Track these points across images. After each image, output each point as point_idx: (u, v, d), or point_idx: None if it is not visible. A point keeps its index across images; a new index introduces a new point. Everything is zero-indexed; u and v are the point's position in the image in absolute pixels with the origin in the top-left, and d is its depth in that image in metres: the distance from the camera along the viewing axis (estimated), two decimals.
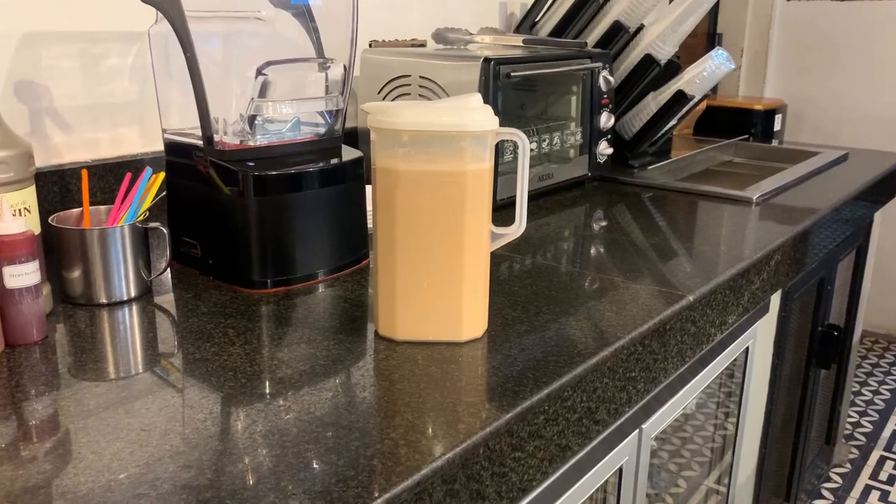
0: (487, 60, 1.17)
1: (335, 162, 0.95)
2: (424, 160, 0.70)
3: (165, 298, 0.87)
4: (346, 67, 0.96)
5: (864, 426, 2.25)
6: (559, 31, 1.58)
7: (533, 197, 1.32)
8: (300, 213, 0.89)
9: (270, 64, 0.88)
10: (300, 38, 0.97)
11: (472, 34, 1.43)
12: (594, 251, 1.06)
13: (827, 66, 2.79)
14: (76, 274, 0.84)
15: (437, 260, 0.73)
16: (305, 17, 0.98)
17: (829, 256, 1.57)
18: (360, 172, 0.97)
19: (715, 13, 2.90)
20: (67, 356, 0.72)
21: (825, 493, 1.94)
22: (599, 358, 0.73)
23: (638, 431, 0.92)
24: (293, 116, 0.95)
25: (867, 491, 1.95)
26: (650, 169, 1.56)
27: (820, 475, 1.97)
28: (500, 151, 1.23)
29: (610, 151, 1.46)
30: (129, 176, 0.91)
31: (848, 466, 2.05)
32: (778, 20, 2.86)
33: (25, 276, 0.73)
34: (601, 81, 1.40)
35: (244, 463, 0.55)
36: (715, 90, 2.57)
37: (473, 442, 0.59)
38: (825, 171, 1.66)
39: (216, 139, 0.88)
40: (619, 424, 0.88)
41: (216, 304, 0.85)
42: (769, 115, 2.21)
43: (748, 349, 1.23)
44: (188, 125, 0.95)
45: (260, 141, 0.91)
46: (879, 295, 2.78)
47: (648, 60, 1.53)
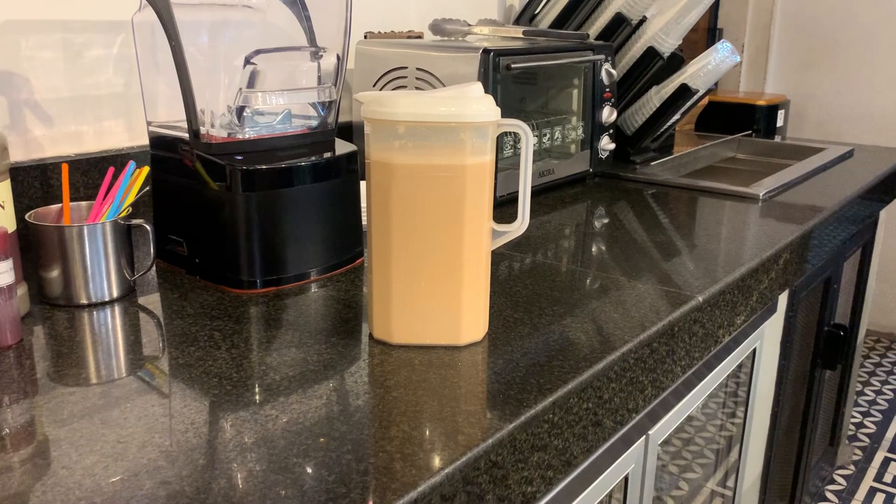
0: (487, 52, 1.13)
1: (328, 156, 0.91)
2: (422, 153, 0.66)
3: (149, 299, 0.83)
4: (339, 57, 0.92)
5: (867, 427, 2.22)
6: (560, 23, 1.54)
7: (533, 193, 1.28)
8: (291, 209, 0.85)
9: (260, 53, 0.84)
10: (292, 27, 0.92)
11: (470, 25, 1.39)
12: (597, 250, 1.02)
13: (829, 61, 2.75)
14: (55, 273, 0.80)
15: (434, 259, 0.69)
16: (297, 5, 0.93)
17: (835, 255, 1.53)
18: (354, 167, 0.93)
19: (716, 8, 2.86)
20: (43, 361, 0.68)
21: (829, 495, 1.91)
22: (606, 363, 0.69)
23: (644, 438, 0.88)
24: (284, 108, 0.90)
25: (871, 493, 1.91)
26: (653, 165, 1.52)
27: (824, 477, 1.93)
28: (499, 146, 1.19)
29: (612, 147, 1.42)
30: (111, 170, 0.87)
31: (852, 468, 2.02)
32: (779, 15, 2.82)
33: None
34: (603, 74, 1.36)
35: (227, 479, 0.51)
36: (716, 86, 2.54)
37: (474, 455, 0.55)
38: (831, 167, 1.62)
39: (202, 132, 0.84)
40: (624, 431, 0.84)
41: (202, 305, 0.80)
42: (772, 110, 2.18)
43: (755, 350, 1.20)
44: (176, 118, 0.91)
45: (249, 134, 0.87)
46: (882, 293, 2.75)
47: (651, 54, 1.49)
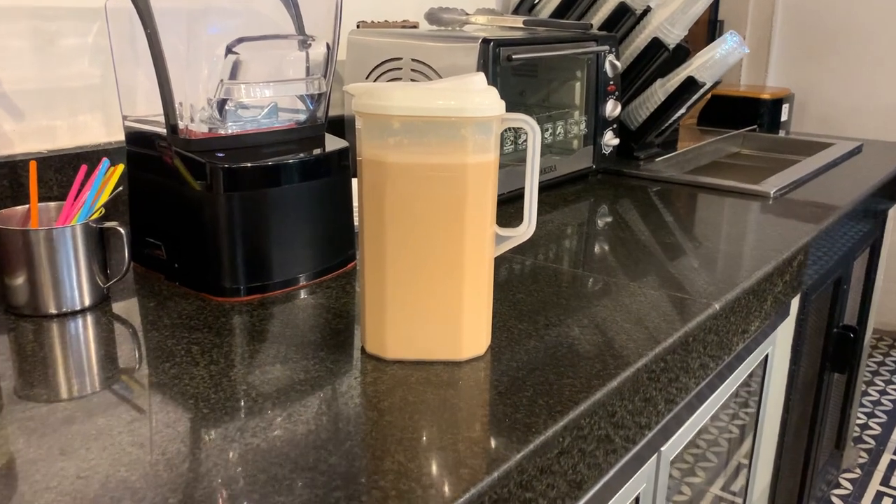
0: (487, 42, 1.06)
1: (317, 152, 0.84)
2: (419, 151, 0.60)
3: (124, 307, 0.77)
4: (329, 46, 0.85)
5: (872, 428, 2.17)
6: (561, 12, 1.48)
7: None
8: (277, 210, 0.79)
9: (243, 41, 0.78)
10: (278, 14, 0.86)
11: (467, 15, 1.33)
12: (604, 252, 0.96)
13: (832, 54, 2.69)
14: (20, 281, 0.73)
15: (433, 266, 0.63)
16: None
17: (845, 254, 1.48)
18: (345, 164, 0.87)
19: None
20: (1, 379, 0.61)
21: (835, 500, 1.86)
22: (620, 380, 0.64)
23: (656, 455, 0.82)
24: (269, 101, 0.84)
25: (878, 497, 1.87)
26: (657, 161, 1.46)
27: (830, 481, 1.88)
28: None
29: (616, 142, 1.36)
30: (84, 168, 0.80)
31: (858, 472, 1.97)
32: (781, 7, 2.76)
33: None
34: (607, 66, 1.30)
35: None
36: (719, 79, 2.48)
37: (478, 490, 0.49)
38: (840, 163, 1.56)
39: (181, 127, 0.78)
40: (636, 450, 0.78)
41: (181, 314, 0.74)
42: (776, 104, 2.12)
43: (767, 356, 1.14)
44: (155, 112, 0.84)
45: (231, 129, 0.80)
46: (887, 291, 2.70)
47: (656, 45, 1.43)
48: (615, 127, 1.36)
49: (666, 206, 1.20)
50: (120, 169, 0.79)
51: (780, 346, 1.20)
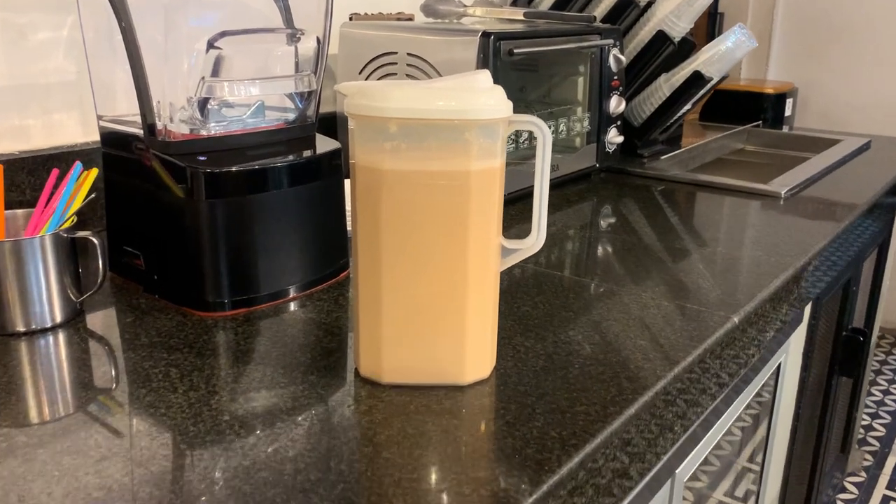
0: (487, 35, 1.01)
1: (308, 155, 0.79)
2: (418, 157, 0.55)
3: (99, 323, 0.71)
4: (319, 40, 0.80)
5: (876, 429, 2.13)
6: (561, 4, 1.42)
7: (530, 194, 1.16)
8: (265, 218, 0.73)
9: (226, 35, 0.72)
10: (264, 5, 0.80)
11: (465, 7, 1.27)
12: (612, 259, 0.91)
13: (834, 47, 2.64)
14: None
15: (433, 283, 0.57)
16: None
17: (856, 255, 1.43)
18: (337, 165, 0.81)
19: None
20: None
21: None
22: (638, 406, 0.58)
23: (670, 480, 0.77)
24: (256, 99, 0.78)
25: (885, 502, 1.83)
26: (662, 160, 1.41)
27: (835, 486, 1.84)
28: None
29: (620, 140, 1.30)
30: (55, 172, 0.75)
31: (863, 475, 1.93)
32: (782, 0, 2.71)
33: None
34: (611, 61, 1.24)
35: None
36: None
37: None
38: (849, 160, 1.51)
39: (159, 127, 0.72)
40: (650, 477, 0.73)
41: (160, 332, 0.69)
42: (780, 99, 2.07)
43: (780, 365, 1.09)
44: (135, 111, 0.78)
45: (214, 130, 0.74)
46: (888, 289, 2.66)
47: (661, 38, 1.37)
48: (619, 124, 1.30)
49: (673, 207, 1.15)
50: (93, 173, 0.73)
51: (792, 353, 1.15)
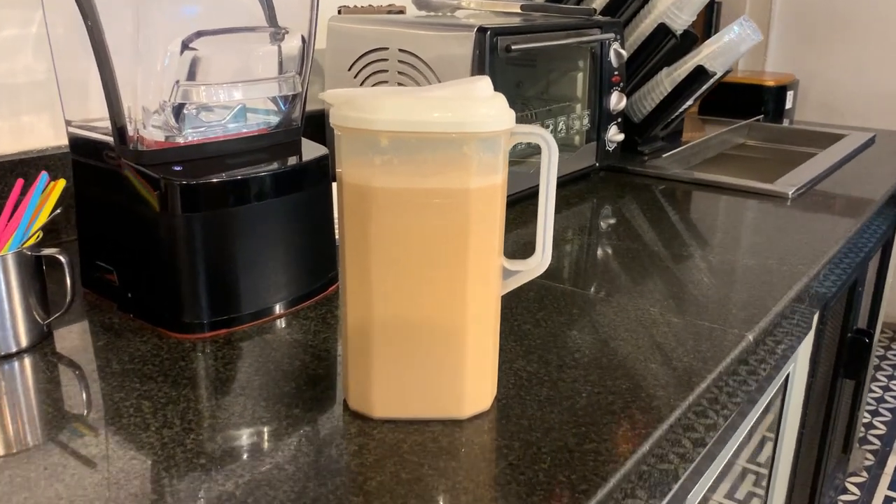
0: (483, 30, 0.95)
1: (293, 162, 0.74)
2: (411, 173, 0.50)
3: (68, 347, 0.66)
4: (304, 39, 0.74)
5: (877, 427, 2.10)
6: None
7: (533, 194, 1.11)
8: (246, 231, 0.68)
9: (202, 35, 0.66)
10: (246, 1, 0.75)
11: None
12: (616, 268, 0.86)
13: (834, 37, 2.59)
14: None
15: (429, 309, 0.52)
16: None
17: (863, 256, 1.39)
18: (325, 172, 0.76)
19: None
20: None
21: None
22: (653, 441, 0.54)
23: None
24: (236, 103, 0.73)
25: (888, 503, 1.79)
26: (663, 158, 1.36)
27: (837, 486, 1.81)
28: None
29: (620, 138, 1.25)
30: (20, 183, 0.69)
31: (864, 475, 1.90)
32: None
33: None
34: (612, 55, 1.19)
35: None
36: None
37: None
38: (854, 157, 1.47)
39: (130, 134, 0.66)
40: None
41: (132, 357, 0.64)
42: (780, 91, 2.02)
43: (789, 375, 1.05)
44: (107, 114, 0.73)
45: (191, 136, 0.69)
46: (889, 285, 2.62)
47: (662, 31, 1.32)
48: (619, 121, 1.25)
49: (676, 209, 1.10)
50: (61, 185, 0.68)
51: (800, 361, 1.11)
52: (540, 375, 0.61)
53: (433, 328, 0.53)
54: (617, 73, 1.21)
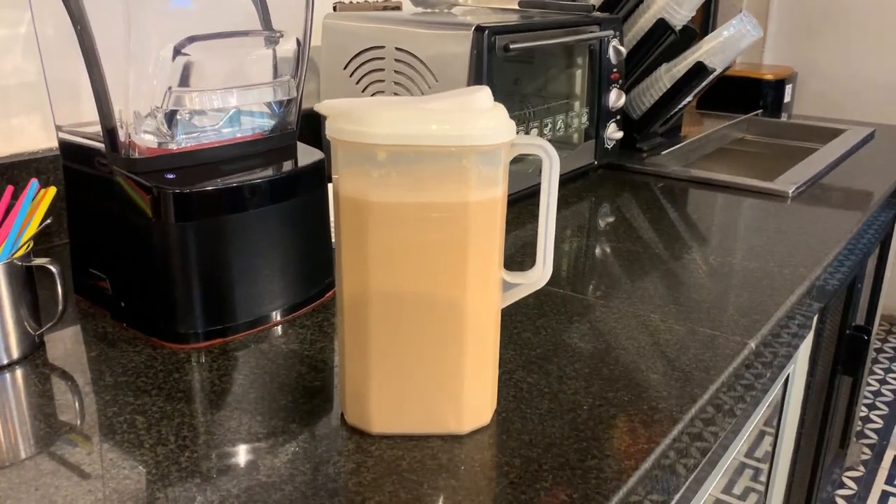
0: (481, 29, 0.94)
1: (289, 168, 0.72)
2: (409, 186, 0.49)
3: (61, 358, 0.65)
4: (299, 42, 0.73)
5: (874, 421, 2.10)
6: None
7: (531, 194, 1.10)
8: (241, 239, 0.67)
9: (195, 40, 0.65)
10: (238, 4, 0.73)
11: None
12: (616, 272, 0.85)
13: (833, 29, 2.58)
14: None
15: (428, 323, 0.51)
16: None
17: (863, 254, 1.38)
18: (321, 177, 0.75)
19: None
20: None
21: (840, 501, 1.79)
22: (656, 456, 0.53)
23: None
24: (230, 108, 0.71)
25: (884, 498, 1.80)
26: (662, 154, 1.35)
27: (834, 481, 1.81)
28: None
29: (619, 136, 1.24)
30: (10, 190, 0.68)
31: (861, 469, 1.90)
32: None
33: None
34: (611, 52, 1.18)
35: None
36: None
37: None
38: (854, 152, 1.46)
39: (122, 140, 0.65)
40: None
41: (126, 368, 0.62)
42: (779, 85, 2.00)
43: (789, 376, 1.04)
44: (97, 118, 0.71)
45: (184, 142, 0.68)
46: (887, 280, 2.62)
47: (662, 26, 1.30)
48: (618, 118, 1.24)
49: (676, 209, 1.09)
50: (51, 193, 0.66)
51: (800, 362, 1.10)
52: (540, 387, 0.61)
53: (432, 343, 0.52)
54: (616, 70, 1.20)
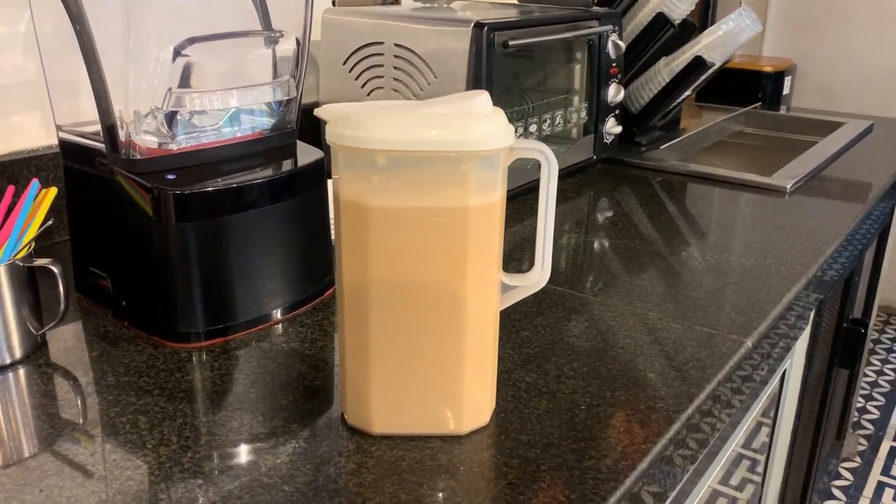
0: (480, 25, 0.94)
1: (289, 168, 0.73)
2: (409, 191, 0.49)
3: (63, 357, 0.65)
4: (299, 41, 0.73)
5: (870, 412, 2.11)
6: None
7: (529, 189, 1.11)
8: (241, 239, 0.67)
9: (195, 41, 0.65)
10: (238, 4, 0.73)
11: None
12: (614, 269, 0.85)
13: (832, 21, 2.57)
14: None
15: (427, 325, 0.52)
16: None
17: (860, 248, 1.39)
18: (320, 176, 0.75)
19: None
20: None
21: (836, 492, 1.80)
22: (653, 456, 0.54)
23: None
24: (230, 108, 0.72)
25: (880, 488, 1.81)
26: (661, 149, 1.35)
27: (830, 472, 1.82)
28: None
29: (618, 130, 1.24)
30: (11, 190, 0.68)
31: (857, 460, 1.91)
32: None
33: None
34: (610, 47, 1.18)
35: None
36: None
37: None
38: (852, 146, 1.46)
39: (122, 140, 0.65)
40: None
41: (128, 368, 0.63)
42: (778, 77, 2.00)
43: (785, 371, 1.05)
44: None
45: (184, 143, 0.68)
46: (884, 272, 2.63)
47: (661, 20, 1.30)
48: (617, 113, 1.24)
49: (674, 204, 1.10)
50: (52, 194, 0.66)
51: (797, 356, 1.11)
52: (539, 386, 0.61)
53: (431, 344, 0.52)
54: (615, 64, 1.20)
